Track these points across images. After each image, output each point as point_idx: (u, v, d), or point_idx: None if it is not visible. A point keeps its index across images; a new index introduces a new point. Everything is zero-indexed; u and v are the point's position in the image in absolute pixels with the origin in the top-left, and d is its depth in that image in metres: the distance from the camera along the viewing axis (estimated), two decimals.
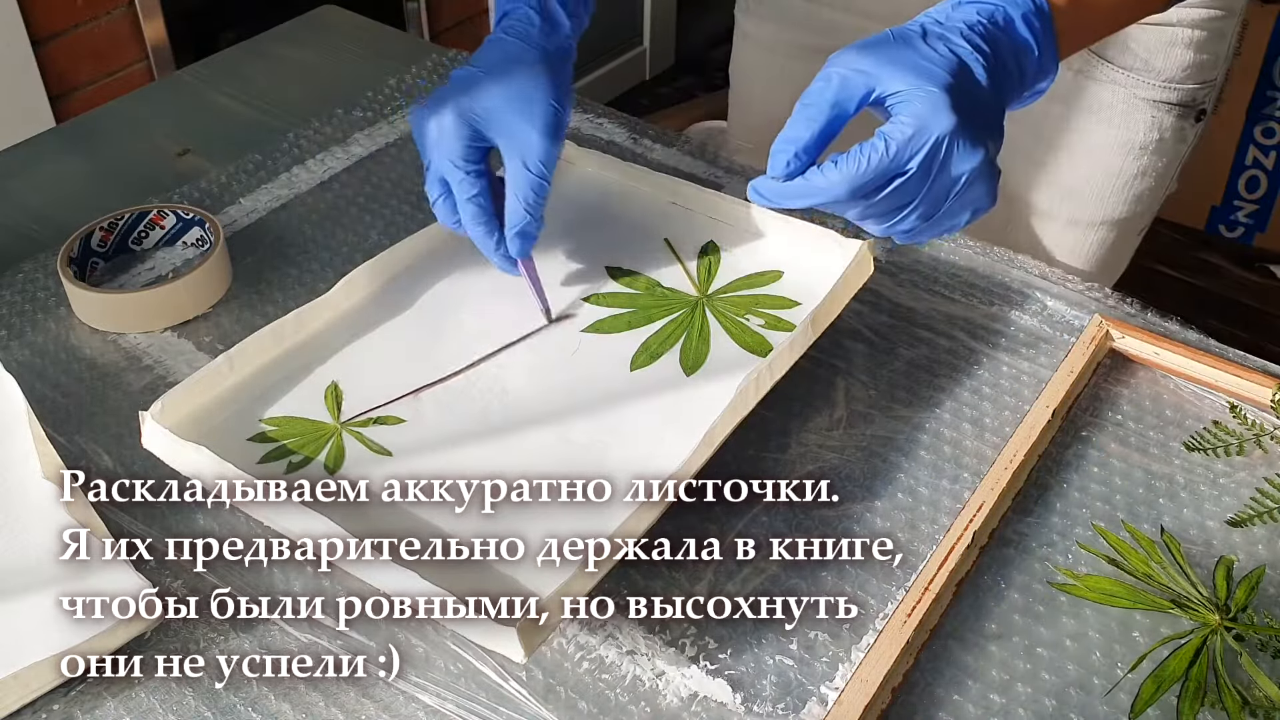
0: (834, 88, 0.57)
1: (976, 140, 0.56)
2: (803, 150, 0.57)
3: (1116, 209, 0.95)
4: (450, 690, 0.56)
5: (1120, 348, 0.75)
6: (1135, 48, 0.88)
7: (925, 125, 0.55)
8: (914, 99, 0.56)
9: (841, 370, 0.74)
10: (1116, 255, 0.99)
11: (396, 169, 0.93)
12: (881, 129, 0.56)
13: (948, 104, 0.55)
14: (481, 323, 0.75)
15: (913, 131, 0.55)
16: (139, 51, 1.71)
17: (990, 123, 0.58)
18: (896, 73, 0.56)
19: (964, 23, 0.59)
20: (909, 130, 0.55)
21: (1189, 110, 0.91)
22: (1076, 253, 0.97)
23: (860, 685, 0.55)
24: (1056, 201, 0.96)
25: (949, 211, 0.59)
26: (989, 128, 0.58)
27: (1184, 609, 0.59)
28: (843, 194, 0.57)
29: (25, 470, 0.65)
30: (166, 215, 0.83)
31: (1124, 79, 0.89)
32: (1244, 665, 0.56)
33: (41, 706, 0.56)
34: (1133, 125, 0.91)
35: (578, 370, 0.72)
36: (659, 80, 2.86)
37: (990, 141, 0.58)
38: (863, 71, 0.57)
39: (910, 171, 0.56)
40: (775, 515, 0.65)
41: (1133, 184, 0.94)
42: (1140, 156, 0.92)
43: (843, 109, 0.58)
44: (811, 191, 0.57)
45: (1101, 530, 0.64)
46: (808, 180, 0.57)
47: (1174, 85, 0.89)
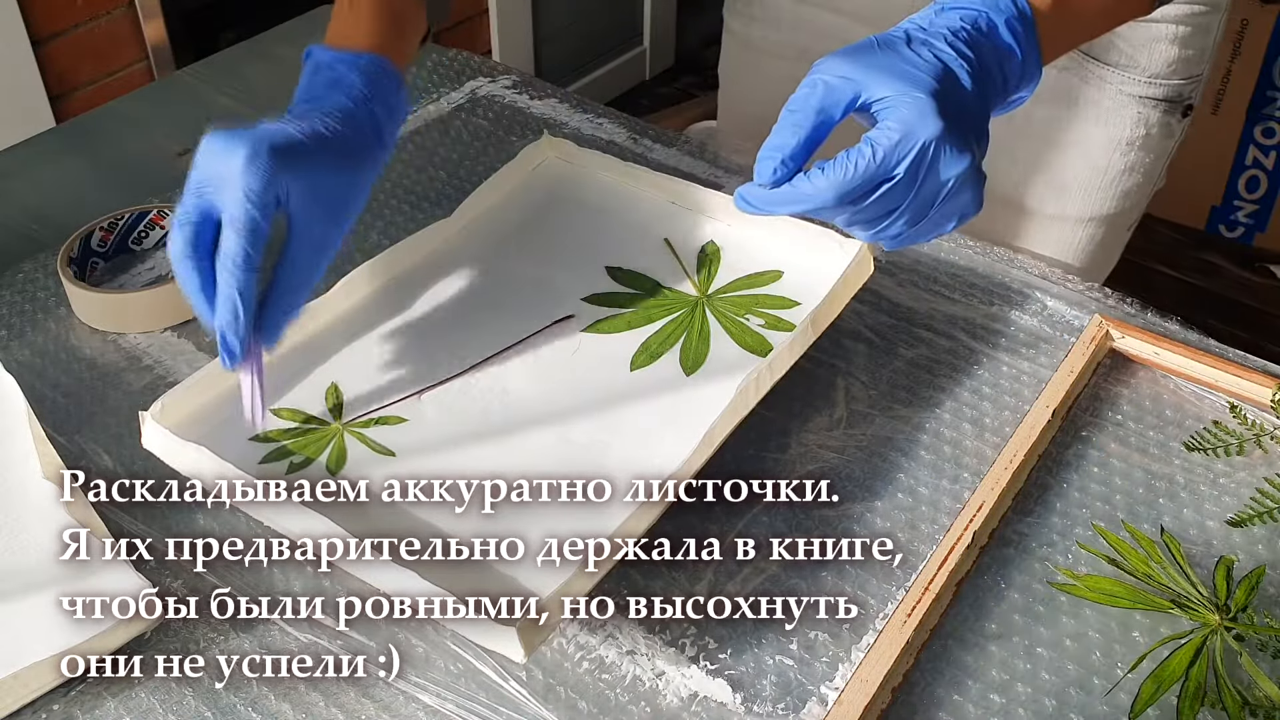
0: (819, 94, 0.57)
1: (963, 145, 0.56)
2: (789, 157, 0.57)
3: (1104, 205, 0.95)
4: (450, 690, 0.56)
5: (1120, 348, 0.75)
6: (1121, 44, 0.88)
7: (912, 130, 0.55)
8: (900, 105, 0.56)
9: (841, 370, 0.74)
10: (1105, 252, 1.00)
11: (396, 169, 0.93)
12: (868, 135, 0.56)
13: (934, 109, 0.55)
14: (481, 323, 0.75)
15: (899, 137, 0.55)
16: (139, 51, 1.71)
17: (976, 127, 0.58)
18: (882, 78, 0.56)
19: (947, 29, 0.59)
20: (895, 136, 0.55)
21: (1175, 105, 0.91)
22: (1065, 249, 0.98)
23: (860, 685, 0.55)
24: (1044, 198, 0.96)
25: (935, 217, 0.59)
26: (975, 132, 0.58)
27: (1184, 609, 0.59)
28: (830, 200, 0.57)
29: (25, 470, 0.65)
30: (166, 215, 0.83)
31: (1110, 75, 0.90)
32: (1244, 665, 0.56)
33: (41, 706, 0.56)
34: (1119, 121, 0.91)
35: (578, 370, 0.72)
36: (659, 80, 2.86)
37: (976, 146, 0.58)
38: (848, 78, 0.57)
39: (897, 177, 0.56)
40: (775, 515, 0.65)
41: (1120, 180, 0.94)
42: (1128, 152, 0.92)
43: (828, 115, 0.58)
44: (798, 198, 0.57)
45: (1101, 530, 0.64)
46: (794, 187, 0.57)
47: (1160, 81, 0.90)
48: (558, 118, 0.99)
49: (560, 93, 1.03)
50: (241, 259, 0.59)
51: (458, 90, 1.03)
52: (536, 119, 0.99)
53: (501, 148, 0.95)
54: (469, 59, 1.07)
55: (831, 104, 0.57)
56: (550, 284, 0.78)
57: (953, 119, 0.56)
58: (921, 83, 0.56)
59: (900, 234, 0.59)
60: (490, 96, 1.02)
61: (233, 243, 0.59)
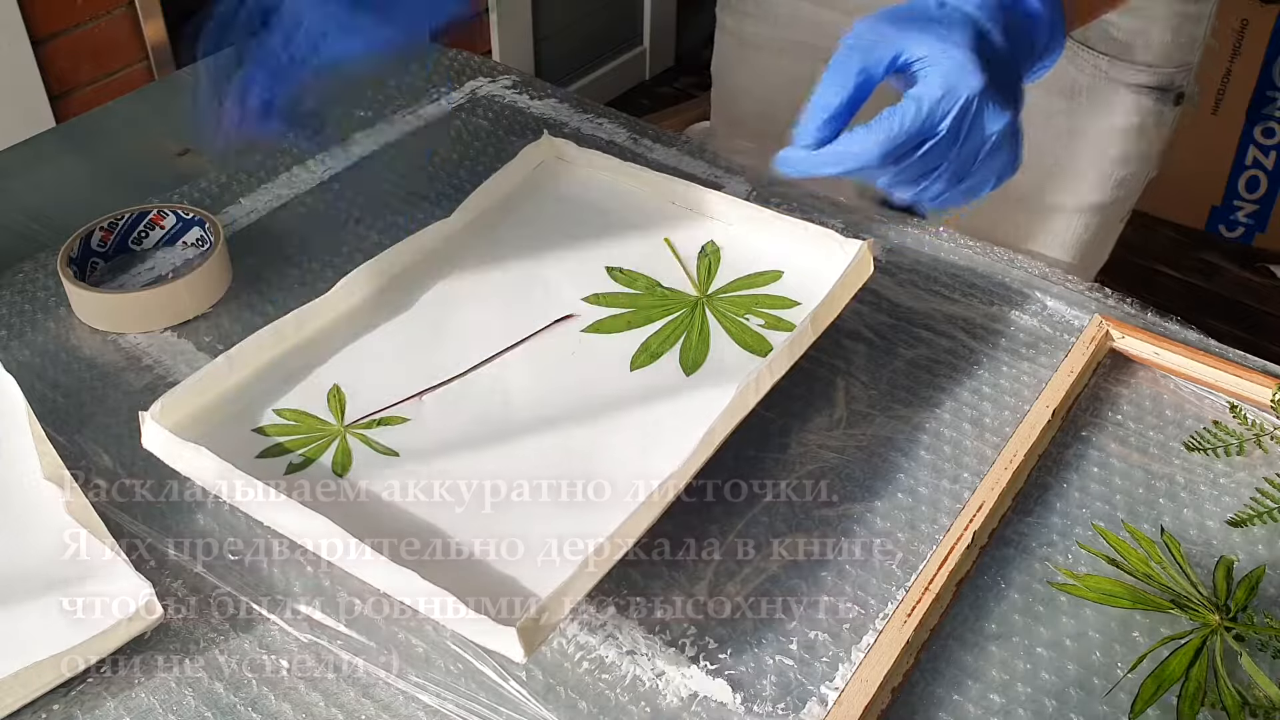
0: (860, 53, 0.57)
1: (1004, 101, 0.57)
2: (833, 116, 0.57)
3: (1099, 194, 0.95)
4: (450, 690, 0.56)
5: (1120, 348, 0.75)
6: (1114, 32, 0.88)
7: (954, 86, 0.56)
8: (940, 62, 0.56)
9: (841, 370, 0.74)
10: (1099, 243, 1.00)
11: (396, 169, 0.93)
12: (910, 91, 0.57)
13: (976, 64, 0.56)
14: (481, 323, 0.75)
15: (942, 93, 0.55)
16: (139, 51, 1.71)
17: (1013, 85, 0.59)
18: (921, 37, 0.57)
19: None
20: (938, 91, 0.55)
21: (1167, 94, 0.92)
22: (1060, 239, 0.98)
23: (860, 685, 0.55)
24: (1038, 187, 0.96)
25: (977, 175, 0.59)
26: (1013, 90, 0.58)
27: (1184, 609, 0.59)
28: (874, 158, 0.57)
29: (25, 470, 0.65)
30: (166, 215, 0.83)
31: (1103, 64, 0.90)
32: (1244, 665, 0.56)
33: (41, 706, 0.56)
34: (1113, 109, 0.91)
35: (578, 370, 0.72)
36: (659, 80, 2.87)
37: (1015, 104, 0.58)
38: (886, 38, 0.57)
39: (941, 133, 0.56)
40: (775, 515, 0.65)
41: (1114, 168, 0.94)
42: (1121, 141, 0.93)
43: (870, 74, 0.58)
44: (844, 158, 0.57)
45: (1101, 530, 0.64)
46: (840, 146, 0.57)
47: (1153, 68, 0.90)
48: (558, 118, 0.99)
49: (560, 93, 1.03)
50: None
51: (458, 90, 1.03)
52: (536, 119, 0.99)
53: (501, 148, 0.95)
54: (469, 59, 1.07)
55: (873, 63, 0.57)
56: (550, 284, 0.78)
57: (993, 75, 0.56)
58: (960, 40, 0.56)
59: (941, 193, 0.60)
60: (490, 96, 1.02)
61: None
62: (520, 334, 0.74)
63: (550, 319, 0.75)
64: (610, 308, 0.76)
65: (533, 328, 0.75)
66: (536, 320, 0.75)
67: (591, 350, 0.73)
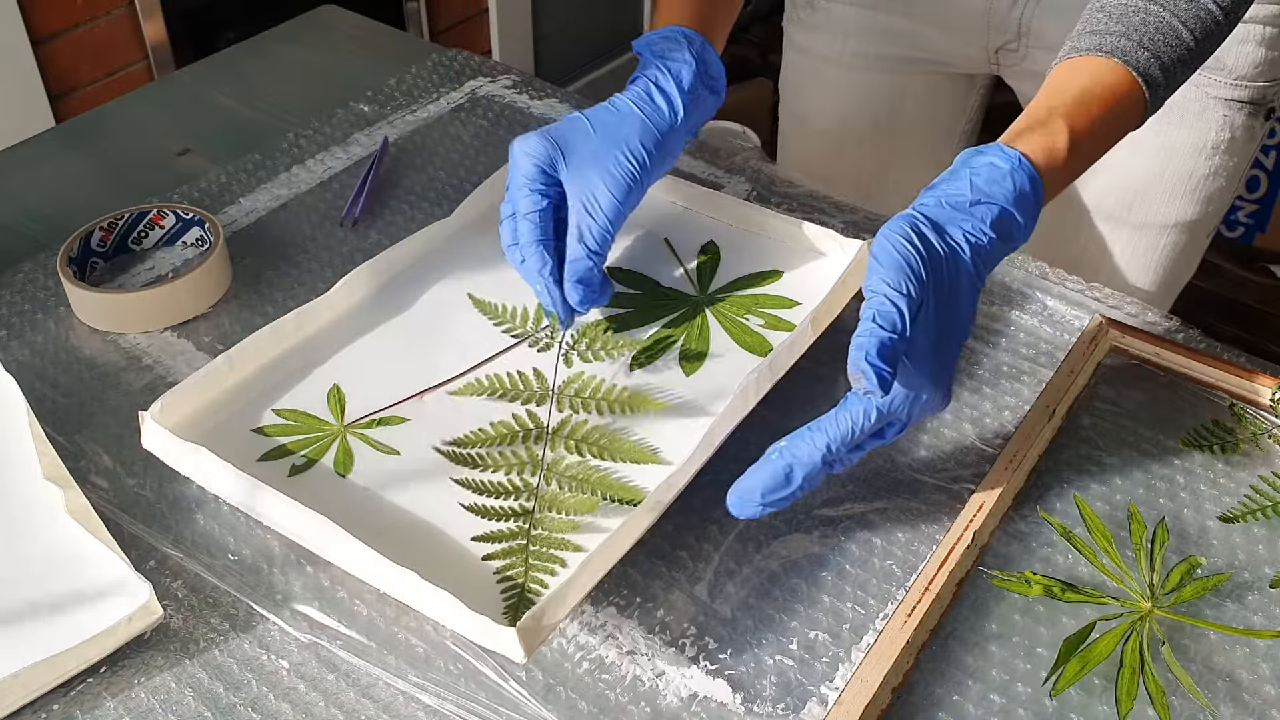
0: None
1: (947, 397, 0.62)
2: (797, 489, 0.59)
3: (1188, 211, 0.93)
4: (450, 690, 0.56)
5: (1120, 347, 0.75)
6: None
7: (915, 416, 0.61)
8: (913, 411, 0.60)
9: (841, 370, 0.74)
10: (1186, 259, 0.98)
11: (396, 169, 0.93)
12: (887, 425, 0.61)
13: (943, 400, 0.61)
14: (481, 323, 0.75)
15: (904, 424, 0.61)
16: (139, 51, 1.71)
17: (954, 357, 0.61)
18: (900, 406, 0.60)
19: (968, 234, 0.60)
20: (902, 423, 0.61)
21: (1260, 108, 0.90)
22: (1147, 257, 0.96)
23: (860, 685, 0.55)
24: (1126, 205, 0.94)
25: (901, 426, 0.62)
26: (951, 365, 0.61)
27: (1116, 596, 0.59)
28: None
29: (25, 471, 0.65)
30: (166, 215, 0.83)
31: (1197, 78, 0.87)
32: (1164, 656, 0.57)
33: (41, 706, 0.56)
34: (1204, 124, 0.90)
35: (578, 370, 0.72)
36: None
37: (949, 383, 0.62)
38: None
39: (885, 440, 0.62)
40: (775, 515, 0.65)
41: (1204, 184, 0.92)
42: (1212, 156, 0.91)
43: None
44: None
45: (1080, 500, 0.64)
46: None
47: (1246, 83, 0.88)
48: (557, 118, 0.99)
49: (560, 93, 1.03)
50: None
51: (458, 90, 1.03)
52: (536, 119, 0.99)
53: (501, 148, 0.95)
54: (469, 59, 1.07)
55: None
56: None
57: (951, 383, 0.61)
58: (931, 381, 0.60)
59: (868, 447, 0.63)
60: (490, 96, 1.02)
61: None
62: (520, 334, 0.74)
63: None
64: (610, 307, 0.76)
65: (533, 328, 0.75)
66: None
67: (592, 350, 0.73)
